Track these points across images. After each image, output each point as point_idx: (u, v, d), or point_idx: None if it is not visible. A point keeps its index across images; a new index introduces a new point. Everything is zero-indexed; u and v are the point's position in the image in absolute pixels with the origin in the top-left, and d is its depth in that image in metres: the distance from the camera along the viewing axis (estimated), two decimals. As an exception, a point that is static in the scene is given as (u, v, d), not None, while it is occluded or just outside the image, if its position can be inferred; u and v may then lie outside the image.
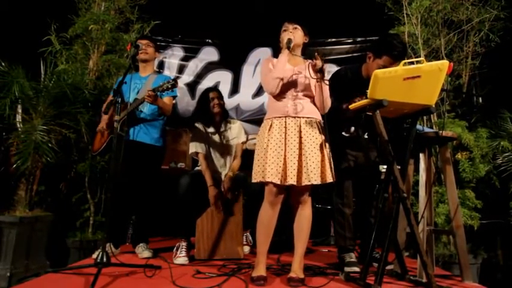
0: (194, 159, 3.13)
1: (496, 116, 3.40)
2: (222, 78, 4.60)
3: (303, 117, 2.08)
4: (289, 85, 2.11)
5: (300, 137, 2.04)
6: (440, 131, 2.19)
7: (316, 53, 2.04)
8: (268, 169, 1.99)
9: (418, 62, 1.90)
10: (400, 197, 1.92)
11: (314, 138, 2.05)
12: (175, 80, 2.56)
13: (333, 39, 4.56)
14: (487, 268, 3.07)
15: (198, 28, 4.56)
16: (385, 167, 2.10)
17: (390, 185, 1.99)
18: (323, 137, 2.08)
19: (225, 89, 4.48)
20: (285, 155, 2.01)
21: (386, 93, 1.81)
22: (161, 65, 4.55)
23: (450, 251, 2.98)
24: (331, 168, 2.05)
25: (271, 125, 2.09)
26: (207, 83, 4.51)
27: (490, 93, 3.50)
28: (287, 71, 2.10)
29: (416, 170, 2.45)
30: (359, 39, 4.52)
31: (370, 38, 4.39)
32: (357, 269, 2.28)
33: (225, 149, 2.93)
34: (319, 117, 2.14)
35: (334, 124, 2.49)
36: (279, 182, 1.98)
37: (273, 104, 2.15)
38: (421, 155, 2.38)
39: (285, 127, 2.06)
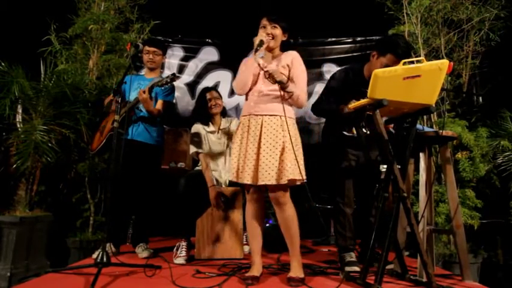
0: (194, 159, 3.13)
1: (496, 116, 3.39)
2: (222, 78, 4.60)
3: (265, 115, 2.04)
4: (256, 82, 2.10)
5: (260, 135, 2.01)
6: (441, 131, 2.19)
7: (268, 73, 1.99)
8: (231, 167, 2.08)
9: (418, 61, 1.89)
10: (400, 196, 1.92)
11: (274, 136, 1.99)
12: (174, 74, 2.55)
13: (333, 39, 4.55)
14: (487, 267, 3.06)
15: (198, 28, 4.55)
16: (385, 166, 2.10)
17: (390, 184, 1.99)
18: (286, 135, 1.99)
19: (225, 88, 4.48)
20: (245, 154, 2.02)
21: (386, 92, 1.81)
22: (161, 65, 4.54)
23: (450, 250, 2.98)
24: (296, 166, 1.95)
25: (239, 124, 2.14)
26: (207, 83, 4.51)
27: (490, 93, 3.50)
28: (255, 69, 2.08)
29: (417, 170, 2.45)
30: (359, 38, 4.52)
31: (370, 38, 4.39)
32: (357, 268, 2.27)
33: (224, 147, 2.93)
34: (287, 113, 2.02)
35: (335, 124, 2.49)
36: (235, 180, 2.05)
37: (244, 102, 2.18)
38: (421, 155, 2.38)
39: (248, 126, 2.06)
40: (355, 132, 2.44)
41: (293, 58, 2.10)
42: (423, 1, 3.42)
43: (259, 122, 2.03)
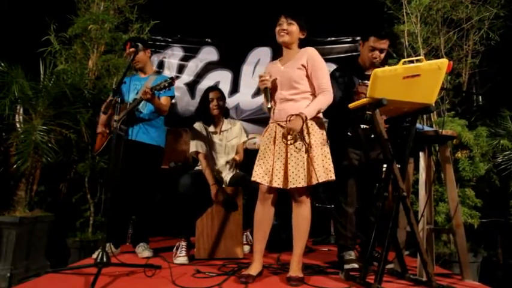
0: (194, 159, 3.13)
1: (496, 115, 3.39)
2: (222, 78, 4.61)
3: (288, 121, 2.04)
4: (277, 88, 2.14)
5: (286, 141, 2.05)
6: (440, 130, 2.19)
7: (287, 129, 1.98)
8: (257, 171, 2.08)
9: (417, 60, 1.89)
10: (400, 195, 1.92)
11: (298, 139, 2.01)
12: (172, 78, 2.56)
13: (333, 38, 4.56)
14: (487, 266, 3.06)
15: (198, 28, 4.56)
16: (385, 165, 2.11)
17: (390, 183, 1.99)
18: (311, 137, 2.03)
19: (224, 88, 4.48)
20: (273, 159, 2.06)
21: (386, 92, 1.81)
22: (161, 65, 4.56)
23: (450, 249, 2.98)
24: (324, 167, 2.01)
25: (267, 129, 2.18)
26: (206, 82, 4.52)
27: (490, 92, 3.50)
28: (275, 74, 2.14)
29: (416, 169, 2.45)
30: (358, 38, 4.51)
31: (370, 37, 4.39)
32: (356, 265, 2.28)
33: (225, 148, 2.93)
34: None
35: (337, 123, 2.49)
36: (266, 184, 2.04)
37: None
38: (421, 154, 2.38)
39: (275, 131, 2.11)
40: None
41: (308, 56, 2.09)
42: (423, 0, 3.42)
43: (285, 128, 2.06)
